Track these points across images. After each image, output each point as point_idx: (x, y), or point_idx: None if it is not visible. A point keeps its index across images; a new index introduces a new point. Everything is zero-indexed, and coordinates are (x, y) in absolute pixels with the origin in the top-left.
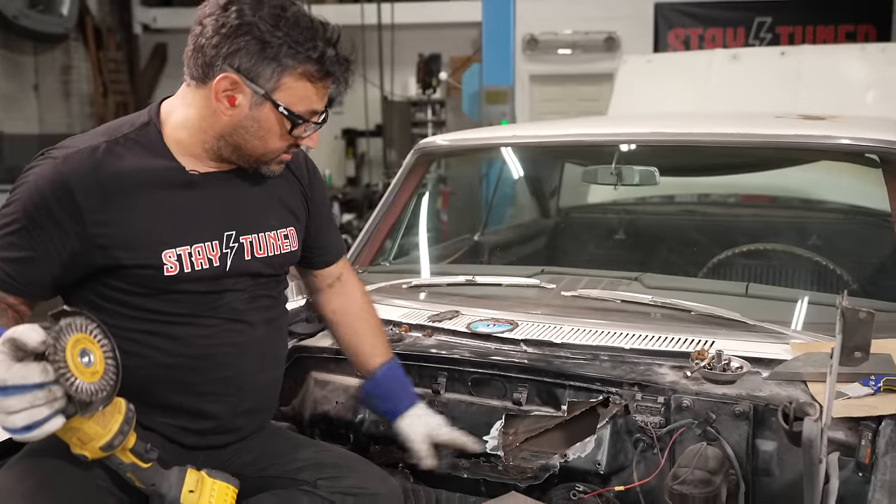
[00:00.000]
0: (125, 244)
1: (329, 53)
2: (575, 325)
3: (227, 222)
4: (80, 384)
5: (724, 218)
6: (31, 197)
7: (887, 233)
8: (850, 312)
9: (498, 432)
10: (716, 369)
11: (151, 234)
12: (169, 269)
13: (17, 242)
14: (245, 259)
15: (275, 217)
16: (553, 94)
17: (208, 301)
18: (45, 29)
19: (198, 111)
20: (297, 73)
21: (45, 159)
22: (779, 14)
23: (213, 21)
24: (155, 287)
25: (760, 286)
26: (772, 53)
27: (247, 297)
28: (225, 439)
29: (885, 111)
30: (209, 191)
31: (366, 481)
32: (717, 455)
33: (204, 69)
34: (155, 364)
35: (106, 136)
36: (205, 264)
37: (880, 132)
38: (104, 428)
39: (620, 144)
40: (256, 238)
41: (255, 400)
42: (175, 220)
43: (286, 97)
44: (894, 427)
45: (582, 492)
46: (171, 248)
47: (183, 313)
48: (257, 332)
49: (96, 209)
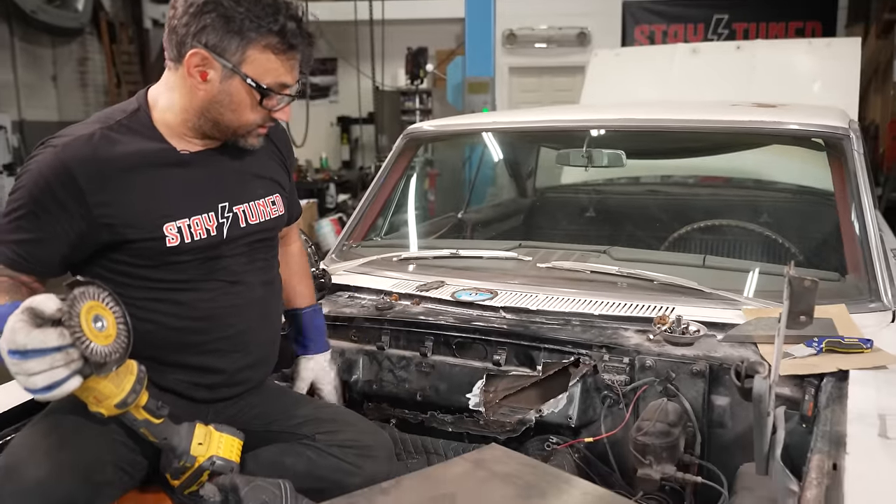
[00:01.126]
0: (128, 221)
1: (290, 26)
2: (549, 293)
3: (220, 195)
4: (94, 346)
5: (684, 197)
6: (36, 183)
7: (830, 210)
8: (796, 281)
9: (479, 390)
10: (675, 333)
11: (152, 210)
12: (170, 240)
13: (26, 226)
14: (240, 226)
15: (261, 187)
16: (530, 84)
17: (208, 267)
18: (61, 23)
19: (178, 92)
20: (261, 46)
21: (46, 148)
22: (735, 12)
23: (182, 2)
24: (158, 258)
25: (716, 258)
26: (728, 48)
27: (244, 261)
28: (233, 391)
29: (829, 100)
30: (200, 167)
31: (360, 434)
32: (677, 409)
33: (178, 48)
34: (164, 328)
35: (100, 123)
36: (203, 234)
37: (825, 119)
38: (118, 387)
39: (591, 130)
40: (248, 207)
41: (257, 354)
42: (172, 195)
43: (253, 70)
44: (835, 384)
45: (555, 443)
46: (171, 221)
47: (185, 279)
48: (255, 292)
49: (98, 191)
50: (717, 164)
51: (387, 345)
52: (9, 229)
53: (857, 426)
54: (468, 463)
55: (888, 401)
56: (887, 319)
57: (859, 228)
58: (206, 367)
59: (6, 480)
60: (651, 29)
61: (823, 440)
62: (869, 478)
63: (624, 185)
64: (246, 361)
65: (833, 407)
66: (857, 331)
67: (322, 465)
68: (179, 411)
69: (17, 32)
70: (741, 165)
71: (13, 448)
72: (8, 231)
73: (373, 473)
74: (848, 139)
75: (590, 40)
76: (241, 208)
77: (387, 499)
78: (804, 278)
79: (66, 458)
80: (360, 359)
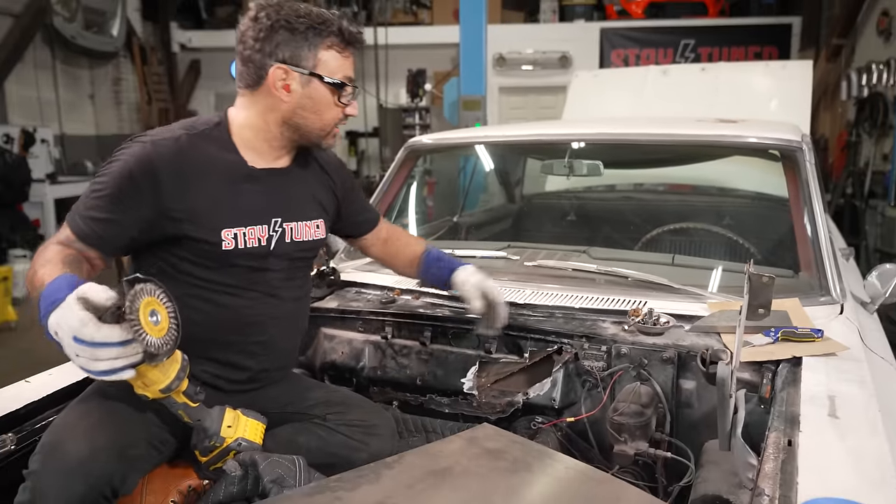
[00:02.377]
0: (193, 219)
1: (345, 26)
2: (535, 289)
3: (275, 210)
4: (150, 339)
5: (655, 202)
6: (122, 171)
7: (785, 214)
8: (755, 277)
9: (473, 375)
10: (648, 324)
11: (215, 213)
12: (226, 244)
13: (104, 206)
14: (286, 242)
15: (311, 209)
16: (517, 102)
17: (252, 276)
18: (98, 47)
19: (256, 110)
20: (326, 47)
21: (136, 143)
22: (700, 37)
23: (251, 32)
24: (213, 259)
25: (684, 257)
26: (694, 69)
27: (282, 276)
28: (253, 386)
29: (784, 116)
30: (264, 183)
31: (366, 415)
32: (649, 392)
33: (257, 73)
34: (203, 325)
35: (186, 129)
36: (254, 243)
37: (781, 133)
38: (164, 374)
39: (572, 143)
40: (296, 225)
41: (280, 359)
42: (235, 204)
43: (326, 70)
44: (789, 369)
45: (540, 422)
46: (229, 227)
47: (231, 284)
48: (287, 306)
49: (173, 187)
50: (684, 174)
51: (390, 335)
52: (88, 206)
53: (809, 407)
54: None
55: (837, 384)
56: (836, 312)
57: (811, 230)
58: (234, 363)
59: (50, 458)
60: (626, 53)
61: (779, 419)
62: (820, 452)
63: (601, 192)
64: (270, 363)
65: (788, 390)
66: (810, 322)
67: (332, 442)
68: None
69: (58, 56)
70: (706, 174)
71: (55, 428)
72: (87, 207)
73: (378, 450)
74: (801, 151)
75: (571, 63)
76: (290, 225)
77: (391, 472)
78: (762, 275)
79: (104, 438)
80: (367, 348)
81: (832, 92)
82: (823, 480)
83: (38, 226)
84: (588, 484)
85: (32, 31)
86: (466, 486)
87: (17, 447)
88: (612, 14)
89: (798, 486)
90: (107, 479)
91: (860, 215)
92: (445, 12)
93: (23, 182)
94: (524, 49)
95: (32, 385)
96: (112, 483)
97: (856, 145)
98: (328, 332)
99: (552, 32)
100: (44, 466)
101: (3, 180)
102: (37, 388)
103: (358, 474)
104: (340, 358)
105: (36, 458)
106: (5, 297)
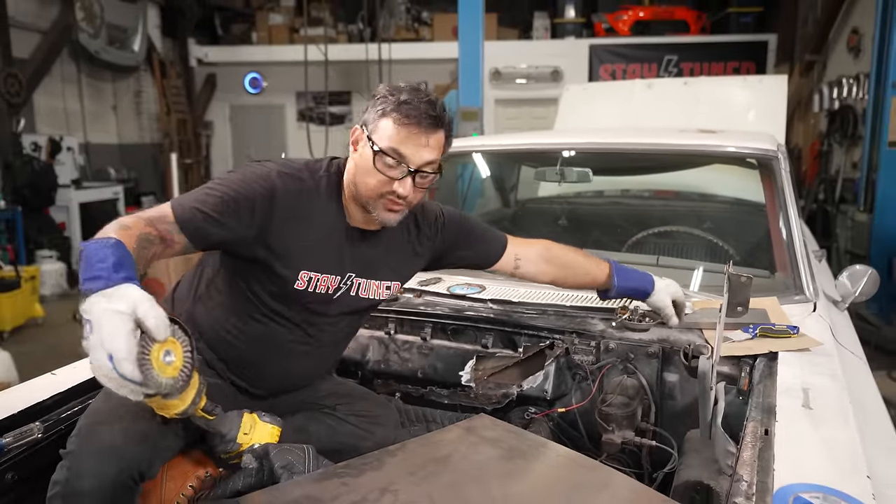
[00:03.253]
0: (281, 254)
1: (415, 102)
2: (528, 288)
3: (353, 266)
4: (161, 381)
5: (641, 207)
6: (248, 185)
7: (762, 218)
8: (735, 277)
9: (470, 369)
10: (634, 321)
11: (302, 256)
12: (299, 284)
13: (215, 205)
14: (350, 295)
15: (387, 272)
16: (512, 113)
17: (306, 317)
18: (121, 62)
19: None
20: (387, 114)
21: (270, 166)
22: (682, 53)
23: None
24: (281, 291)
25: (668, 258)
26: (677, 83)
27: (331, 321)
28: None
29: (761, 127)
30: (353, 241)
31: (371, 406)
32: (635, 384)
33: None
34: (248, 342)
35: (310, 171)
36: (323, 290)
37: (758, 142)
38: (181, 400)
39: (563, 151)
40: (365, 282)
41: (302, 384)
42: (322, 252)
43: (377, 135)
44: (766, 363)
45: (533, 413)
46: (308, 271)
47: (286, 317)
48: (324, 350)
49: (280, 226)
50: (668, 180)
51: (393, 331)
52: (198, 198)
53: (785, 398)
54: (461, 430)
55: (811, 377)
56: (809, 309)
57: (786, 234)
58: (260, 380)
59: (86, 440)
60: (613, 67)
61: (757, 410)
62: (795, 441)
63: (591, 197)
64: (290, 387)
65: (765, 382)
66: (786, 319)
67: (340, 431)
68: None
69: (83, 69)
70: (688, 181)
71: (91, 412)
72: (197, 199)
73: (382, 438)
74: (777, 159)
75: (562, 77)
76: (360, 282)
77: (394, 459)
78: (741, 275)
79: (134, 425)
80: (371, 343)
81: (805, 104)
82: (798, 468)
83: (64, 228)
84: (578, 470)
85: (59, 46)
86: (465, 472)
87: (45, 435)
88: (601, 31)
89: (774, 473)
90: (136, 464)
91: (832, 219)
92: (445, 29)
93: (50, 187)
94: (518, 64)
95: (58, 377)
96: (140, 468)
97: (827, 154)
98: None
99: (544, 48)
100: (80, 448)
101: (32, 186)
102: (62, 380)
103: (363, 461)
104: (347, 352)
105: (73, 439)
106: (33, 294)
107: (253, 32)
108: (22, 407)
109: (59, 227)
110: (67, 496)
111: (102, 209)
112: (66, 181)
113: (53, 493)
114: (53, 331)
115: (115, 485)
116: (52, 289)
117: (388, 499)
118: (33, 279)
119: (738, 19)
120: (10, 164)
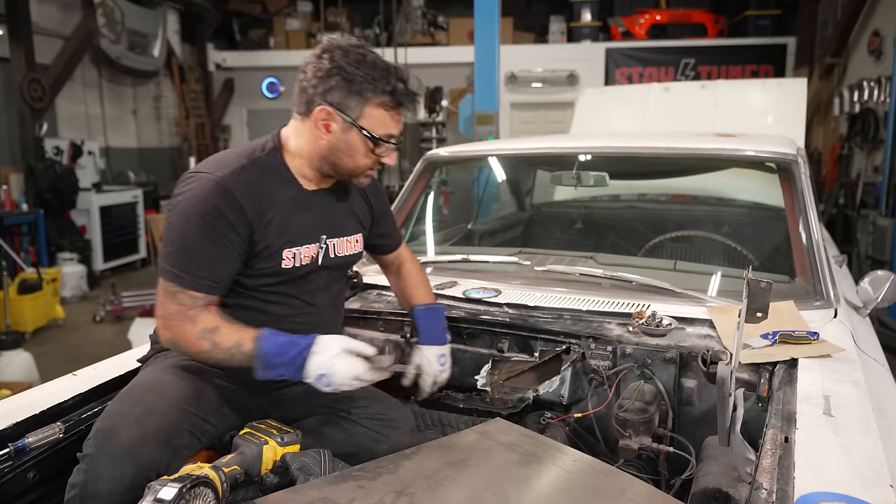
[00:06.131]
0: (266, 244)
1: (399, 87)
2: (545, 292)
3: (323, 228)
4: None
5: (658, 211)
6: (207, 211)
7: (781, 223)
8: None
9: (486, 373)
10: (651, 326)
11: (281, 237)
12: (286, 263)
13: (208, 251)
14: (330, 256)
15: (351, 225)
16: (528, 117)
17: (299, 287)
18: (140, 67)
19: (305, 140)
20: (376, 104)
21: (200, 179)
22: (700, 57)
23: (312, 67)
24: (273, 275)
25: (685, 263)
26: (695, 87)
27: (322, 286)
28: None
29: (780, 130)
30: (313, 203)
31: (387, 409)
32: (652, 390)
33: (307, 105)
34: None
35: (246, 158)
36: (307, 260)
37: (777, 146)
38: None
39: (579, 155)
40: (339, 241)
41: None
42: (294, 226)
43: (368, 123)
44: (786, 369)
45: (549, 418)
46: (290, 248)
47: (283, 293)
48: (325, 315)
49: (255, 216)
50: (685, 184)
51: (409, 334)
52: (194, 261)
53: (805, 405)
54: (477, 434)
55: (831, 384)
56: (830, 315)
57: (806, 239)
58: None
59: (104, 442)
60: (630, 71)
61: (777, 417)
62: (815, 449)
63: (607, 201)
64: None
65: (785, 389)
66: (805, 325)
67: (355, 434)
68: (238, 394)
69: (104, 75)
70: (706, 185)
71: (108, 414)
72: (195, 263)
73: (397, 442)
74: (796, 164)
75: (578, 80)
76: (334, 241)
77: (409, 463)
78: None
79: (151, 426)
80: (387, 346)
81: (825, 108)
82: (819, 476)
83: (85, 231)
84: (595, 475)
85: (81, 52)
86: (480, 477)
87: (66, 435)
88: (617, 35)
89: (795, 481)
90: (154, 465)
91: (852, 224)
92: (461, 34)
93: (71, 191)
94: (534, 68)
95: (79, 378)
96: (158, 469)
97: (848, 158)
98: (351, 331)
99: (560, 52)
100: (97, 450)
101: (54, 189)
102: (83, 381)
103: (379, 465)
104: None
105: (90, 442)
106: (54, 296)
107: (270, 38)
108: (43, 407)
109: (80, 230)
110: (85, 498)
111: (122, 212)
112: (87, 185)
113: (71, 495)
114: (74, 332)
115: (133, 486)
116: (73, 291)
117: (403, 501)
118: (55, 281)
119: (757, 22)
120: (33, 168)
